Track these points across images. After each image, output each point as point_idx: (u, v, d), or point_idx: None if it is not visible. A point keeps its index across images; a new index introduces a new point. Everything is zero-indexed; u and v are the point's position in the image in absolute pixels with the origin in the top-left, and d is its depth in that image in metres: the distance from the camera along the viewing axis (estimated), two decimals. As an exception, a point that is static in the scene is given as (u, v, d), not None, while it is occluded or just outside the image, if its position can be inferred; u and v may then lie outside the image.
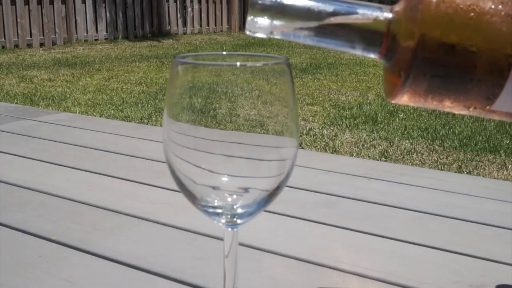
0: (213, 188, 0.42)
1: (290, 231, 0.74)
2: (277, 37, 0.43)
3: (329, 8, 0.42)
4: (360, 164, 1.11)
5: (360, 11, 0.42)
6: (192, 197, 0.43)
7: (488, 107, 0.41)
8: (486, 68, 0.39)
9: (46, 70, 5.61)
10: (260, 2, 0.41)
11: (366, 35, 0.42)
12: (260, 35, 0.43)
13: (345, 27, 0.42)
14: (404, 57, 0.40)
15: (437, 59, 0.39)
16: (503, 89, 0.39)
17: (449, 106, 0.42)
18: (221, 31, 9.87)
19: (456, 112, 0.43)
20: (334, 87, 4.77)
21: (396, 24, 0.41)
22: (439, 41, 0.39)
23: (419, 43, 0.39)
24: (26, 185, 0.90)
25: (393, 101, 0.44)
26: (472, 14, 0.38)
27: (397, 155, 2.87)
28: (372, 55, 0.43)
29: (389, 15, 0.42)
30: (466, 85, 0.39)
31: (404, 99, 0.42)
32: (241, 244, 0.67)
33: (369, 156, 2.84)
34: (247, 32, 0.43)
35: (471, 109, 0.42)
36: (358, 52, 0.43)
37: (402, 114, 3.74)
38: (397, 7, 0.42)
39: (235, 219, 0.43)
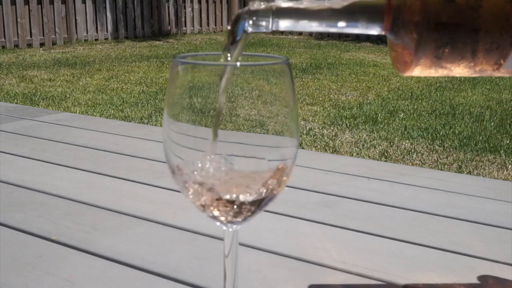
0: (213, 188, 0.42)
1: (290, 231, 0.74)
2: (281, 26, 0.43)
3: None
4: (360, 164, 1.11)
5: None
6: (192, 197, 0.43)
7: (498, 67, 0.40)
8: (493, 20, 0.38)
9: (46, 70, 5.61)
10: None
11: (367, 11, 0.42)
12: (262, 28, 0.42)
13: (345, 6, 0.42)
14: (411, 27, 0.40)
15: (444, 21, 0.38)
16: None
17: (459, 72, 0.41)
18: (221, 31, 9.87)
19: (467, 76, 0.42)
20: (334, 87, 4.77)
21: None
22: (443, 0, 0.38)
23: (424, 7, 0.39)
24: (26, 185, 0.90)
25: (405, 75, 0.43)
26: None
27: (397, 155, 2.87)
28: (376, 32, 0.42)
29: None
30: (476, 44, 0.39)
31: (416, 71, 0.42)
32: (241, 244, 0.67)
33: (369, 156, 2.84)
34: (249, 29, 0.42)
35: (482, 71, 0.41)
36: (361, 30, 0.42)
37: (402, 114, 3.74)
38: None
39: (235, 219, 0.43)
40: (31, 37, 7.54)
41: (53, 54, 6.82)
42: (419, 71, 0.42)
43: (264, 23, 0.42)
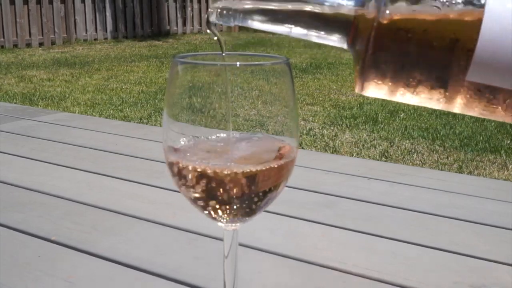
0: (213, 188, 0.42)
1: (290, 231, 0.74)
2: (240, 22, 0.43)
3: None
4: (360, 164, 1.11)
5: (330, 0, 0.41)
6: (192, 197, 0.43)
7: (443, 96, 0.40)
8: (434, 49, 0.38)
9: (45, 70, 5.61)
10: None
11: (335, 23, 0.42)
12: (224, 22, 0.43)
13: (316, 16, 0.42)
14: (361, 50, 0.40)
15: (393, 44, 0.39)
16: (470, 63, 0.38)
17: (408, 100, 0.41)
18: (221, 30, 9.87)
19: (418, 105, 0.42)
20: (334, 87, 4.77)
21: (360, 15, 0.41)
22: (395, 28, 0.38)
23: (370, 34, 0.39)
24: (26, 185, 0.90)
25: (361, 93, 0.43)
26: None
27: (397, 155, 2.86)
28: (342, 45, 0.43)
29: (352, 2, 0.41)
30: (418, 73, 0.39)
31: (368, 92, 0.42)
32: (241, 244, 0.67)
33: (369, 156, 2.84)
34: (215, 21, 0.43)
35: (429, 100, 0.41)
36: (331, 41, 0.42)
37: (403, 114, 3.74)
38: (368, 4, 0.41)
39: (235, 219, 0.43)
40: (30, 37, 7.54)
41: (52, 54, 6.82)
42: (371, 93, 0.42)
43: (226, 18, 0.42)
